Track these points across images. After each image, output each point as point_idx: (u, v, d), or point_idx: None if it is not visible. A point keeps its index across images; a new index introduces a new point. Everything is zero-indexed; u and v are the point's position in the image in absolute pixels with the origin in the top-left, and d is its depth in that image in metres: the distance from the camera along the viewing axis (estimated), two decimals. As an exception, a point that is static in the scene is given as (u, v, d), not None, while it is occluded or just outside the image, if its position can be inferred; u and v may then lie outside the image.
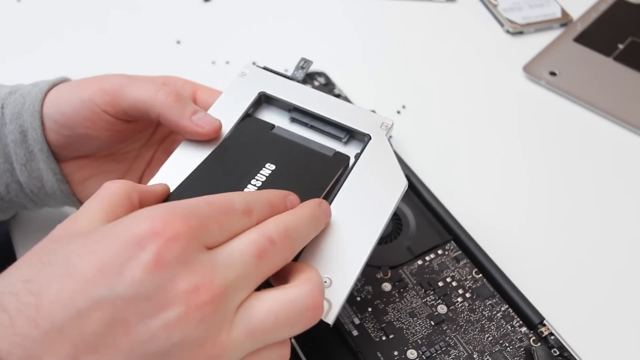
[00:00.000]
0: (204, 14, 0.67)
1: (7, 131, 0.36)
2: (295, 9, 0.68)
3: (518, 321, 0.38)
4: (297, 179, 0.33)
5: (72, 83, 0.38)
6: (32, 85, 0.38)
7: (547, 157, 0.53)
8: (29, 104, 0.36)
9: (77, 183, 0.39)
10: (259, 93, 0.37)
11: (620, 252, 0.46)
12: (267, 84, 0.38)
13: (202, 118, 0.34)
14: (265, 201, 0.28)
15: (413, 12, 0.68)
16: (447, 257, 0.41)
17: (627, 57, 0.61)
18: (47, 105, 0.36)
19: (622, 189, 0.50)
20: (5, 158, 0.37)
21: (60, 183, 0.38)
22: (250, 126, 0.36)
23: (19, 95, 0.37)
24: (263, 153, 0.34)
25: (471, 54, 0.63)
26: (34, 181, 0.37)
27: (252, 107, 0.37)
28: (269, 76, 0.38)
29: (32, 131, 0.36)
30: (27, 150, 0.36)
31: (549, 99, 0.58)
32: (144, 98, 0.35)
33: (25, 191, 0.38)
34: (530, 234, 0.47)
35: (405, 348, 0.37)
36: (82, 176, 0.39)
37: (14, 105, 0.36)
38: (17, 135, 0.36)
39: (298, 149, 0.35)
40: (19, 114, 0.36)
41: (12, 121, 0.36)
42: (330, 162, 0.34)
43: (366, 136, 0.36)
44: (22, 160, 0.37)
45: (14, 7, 0.66)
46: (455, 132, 0.55)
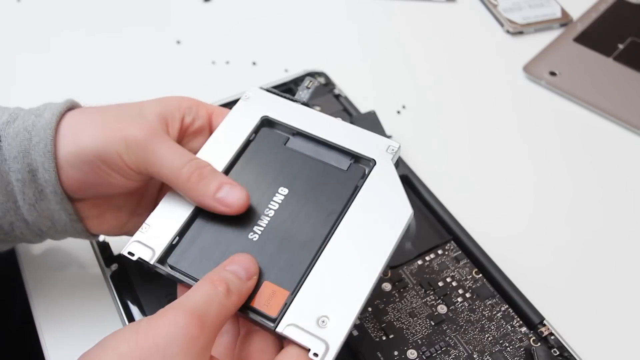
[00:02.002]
0: (204, 14, 0.67)
1: (8, 168, 0.33)
2: (295, 9, 0.68)
3: (518, 321, 0.38)
4: (311, 199, 0.33)
5: (90, 120, 0.34)
6: (34, 114, 0.34)
7: (547, 157, 0.53)
8: (37, 141, 0.33)
9: (91, 219, 0.36)
10: (262, 117, 0.36)
11: (621, 252, 0.46)
12: (270, 107, 0.37)
13: (227, 196, 0.33)
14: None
15: (413, 12, 0.68)
16: (447, 257, 0.41)
17: (627, 57, 0.61)
18: (62, 148, 0.33)
19: (622, 189, 0.50)
20: (8, 196, 0.34)
21: (74, 223, 0.35)
22: (264, 141, 0.36)
23: (21, 129, 0.33)
24: (276, 174, 0.34)
25: (471, 54, 0.63)
26: (44, 220, 0.35)
27: (254, 132, 0.36)
28: (273, 99, 0.37)
29: (44, 172, 0.33)
30: (37, 190, 0.33)
31: (549, 99, 0.58)
32: (167, 172, 0.33)
33: (32, 229, 0.35)
34: (530, 234, 0.47)
35: (405, 348, 0.37)
36: (97, 212, 0.37)
37: (18, 141, 0.33)
38: (24, 175, 0.33)
39: (312, 164, 0.35)
40: (25, 152, 0.33)
41: (18, 159, 0.33)
42: (344, 177, 0.34)
43: (371, 161, 0.34)
44: (31, 201, 0.34)
45: (14, 7, 0.66)
46: (455, 132, 0.55)
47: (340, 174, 0.34)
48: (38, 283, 0.42)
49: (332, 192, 0.34)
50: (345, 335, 0.29)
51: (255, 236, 0.32)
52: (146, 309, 0.39)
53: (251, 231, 0.33)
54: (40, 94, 0.57)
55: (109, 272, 0.41)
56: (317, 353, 0.29)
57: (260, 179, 0.34)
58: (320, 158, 0.35)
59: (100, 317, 0.40)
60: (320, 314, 0.30)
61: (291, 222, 0.33)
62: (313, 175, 0.34)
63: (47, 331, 0.39)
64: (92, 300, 0.41)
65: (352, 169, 0.34)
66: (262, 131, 0.36)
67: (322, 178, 0.34)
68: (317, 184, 0.34)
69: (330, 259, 0.32)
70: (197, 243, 0.33)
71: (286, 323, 0.30)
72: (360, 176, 0.34)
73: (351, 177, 0.34)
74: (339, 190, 0.34)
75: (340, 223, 0.32)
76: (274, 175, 0.34)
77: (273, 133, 0.36)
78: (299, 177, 0.34)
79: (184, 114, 0.36)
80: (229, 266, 0.31)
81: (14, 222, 0.35)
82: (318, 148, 0.35)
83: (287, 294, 0.31)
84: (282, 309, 0.30)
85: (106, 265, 0.41)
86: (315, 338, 0.29)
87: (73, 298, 0.41)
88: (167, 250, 0.33)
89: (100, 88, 0.57)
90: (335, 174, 0.34)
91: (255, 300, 0.31)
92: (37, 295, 0.41)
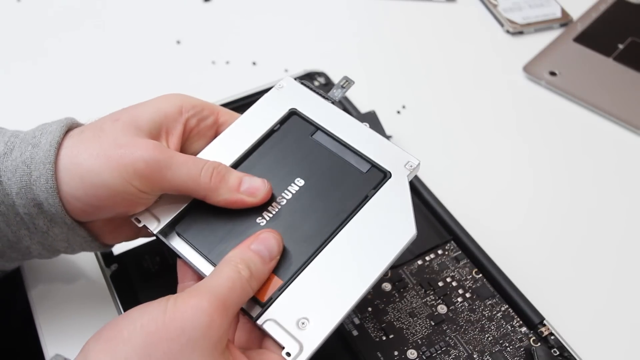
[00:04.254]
0: (204, 14, 0.67)
1: (13, 202, 0.32)
2: (295, 9, 0.68)
3: (518, 321, 0.38)
4: (324, 194, 0.34)
5: (88, 147, 0.32)
6: (31, 143, 0.32)
7: (547, 157, 0.53)
8: (37, 176, 0.31)
9: (106, 234, 0.36)
10: (290, 109, 0.37)
11: (621, 252, 0.46)
12: (300, 100, 0.37)
13: (250, 186, 0.33)
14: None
15: (413, 12, 0.68)
16: (447, 257, 0.41)
17: (627, 57, 0.61)
18: (65, 181, 0.32)
19: (622, 189, 0.50)
20: (20, 225, 0.33)
21: (89, 242, 0.35)
22: (291, 129, 0.36)
23: (20, 163, 0.32)
24: (296, 164, 0.35)
25: (471, 54, 0.63)
26: (60, 242, 0.35)
27: (279, 123, 0.36)
28: (305, 92, 0.37)
29: (49, 206, 0.32)
30: (47, 220, 0.33)
31: (549, 99, 0.58)
32: (187, 183, 0.32)
33: (48, 249, 0.35)
34: (530, 234, 0.47)
35: (405, 348, 0.37)
36: (110, 228, 0.36)
37: (17, 177, 0.32)
38: (30, 209, 0.32)
39: (333, 159, 0.35)
40: (27, 187, 0.32)
41: (21, 195, 0.32)
42: (362, 179, 0.34)
43: (387, 173, 0.34)
44: (43, 229, 0.33)
45: (14, 7, 0.66)
46: (455, 132, 0.55)
47: (358, 175, 0.34)
48: (38, 283, 0.42)
49: (346, 191, 0.34)
50: (322, 341, 0.30)
51: (263, 221, 0.33)
52: (146, 309, 0.39)
53: (260, 216, 0.33)
54: (40, 94, 0.57)
55: (109, 272, 0.41)
56: (289, 353, 0.29)
57: (279, 167, 0.35)
58: (343, 156, 0.35)
59: (100, 317, 0.40)
60: (302, 315, 0.31)
61: (300, 214, 0.33)
62: (332, 170, 0.34)
63: (47, 331, 0.39)
64: (92, 300, 0.41)
65: (371, 173, 0.34)
66: (292, 119, 0.36)
67: (340, 175, 0.34)
68: (334, 180, 0.34)
69: (326, 261, 0.32)
70: (204, 219, 0.33)
71: (268, 317, 0.31)
72: (377, 182, 0.34)
73: (368, 180, 0.34)
74: (353, 191, 0.34)
75: (345, 225, 0.33)
76: (293, 164, 0.35)
77: (302, 123, 0.36)
78: (318, 170, 0.34)
79: (188, 116, 0.35)
80: (254, 245, 0.31)
81: (30, 246, 0.35)
82: (342, 147, 0.35)
83: (281, 282, 0.31)
84: (271, 296, 0.31)
85: (106, 265, 0.41)
86: (292, 338, 0.30)
87: (73, 298, 0.41)
88: (173, 222, 0.33)
89: (100, 88, 0.57)
90: (353, 174, 0.34)
91: None
92: (37, 295, 0.41)
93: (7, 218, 0.33)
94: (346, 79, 0.38)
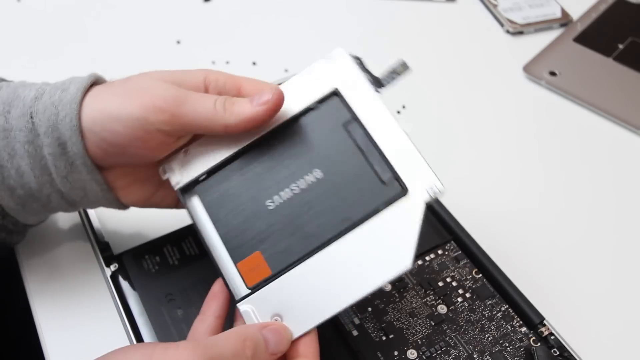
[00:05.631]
0: (204, 14, 0.67)
1: (41, 143, 0.34)
2: (295, 9, 0.68)
3: (518, 321, 0.38)
4: (337, 194, 0.33)
5: (113, 91, 0.35)
6: (60, 89, 0.35)
7: (547, 157, 0.53)
8: (63, 116, 0.34)
9: (120, 189, 0.37)
10: (333, 90, 0.34)
11: (621, 252, 0.46)
12: (346, 80, 0.34)
13: (262, 95, 0.33)
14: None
15: (413, 12, 0.68)
16: (447, 257, 0.41)
17: (627, 57, 0.61)
18: (87, 117, 0.34)
19: (622, 189, 0.50)
20: (43, 170, 0.35)
21: (105, 192, 0.36)
22: (328, 111, 0.34)
23: (48, 104, 0.34)
24: (319, 153, 0.33)
25: (471, 54, 0.63)
26: (77, 191, 0.36)
27: (318, 102, 0.34)
28: (353, 72, 0.34)
29: (72, 145, 0.34)
30: (68, 163, 0.34)
31: (549, 99, 0.58)
32: (204, 114, 0.33)
33: (66, 199, 0.37)
34: (531, 234, 0.47)
35: (405, 348, 0.37)
36: (125, 182, 0.37)
37: (46, 116, 0.34)
38: (55, 148, 0.34)
39: (357, 158, 0.33)
40: (54, 126, 0.34)
41: (48, 134, 0.34)
42: (379, 188, 0.32)
43: (405, 190, 0.32)
44: (63, 173, 0.35)
45: (14, 7, 0.66)
46: (455, 132, 0.55)
47: (377, 184, 0.32)
48: (38, 283, 0.42)
49: (359, 197, 0.32)
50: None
51: (272, 205, 0.33)
52: (146, 309, 0.39)
53: (270, 199, 0.33)
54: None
55: (109, 272, 0.41)
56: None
57: (303, 151, 0.34)
58: (369, 157, 0.33)
59: (100, 317, 0.40)
60: (278, 312, 0.31)
61: (307, 208, 0.33)
62: (352, 170, 0.33)
63: (47, 331, 0.39)
64: (92, 300, 0.41)
65: (390, 185, 0.32)
66: (332, 100, 0.34)
67: (359, 178, 0.33)
68: (351, 181, 0.33)
69: (316, 266, 0.32)
70: (223, 186, 0.34)
71: (248, 303, 0.32)
72: (392, 197, 0.32)
73: (384, 192, 0.32)
74: (365, 200, 0.32)
75: (345, 235, 0.32)
76: (317, 152, 0.34)
77: (340, 107, 0.34)
78: (339, 166, 0.33)
79: (209, 86, 0.36)
80: (267, 331, 0.31)
81: (50, 194, 0.36)
82: (371, 147, 0.33)
83: (269, 273, 0.32)
84: (258, 284, 0.32)
85: (106, 265, 0.41)
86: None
87: (73, 298, 0.41)
88: (193, 182, 0.34)
89: (100, 88, 0.57)
90: (372, 181, 0.32)
91: (241, 264, 0.33)
92: (37, 295, 0.41)
93: (33, 160, 0.34)
94: (403, 63, 0.35)
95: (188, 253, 0.41)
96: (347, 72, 0.34)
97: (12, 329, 0.52)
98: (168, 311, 0.39)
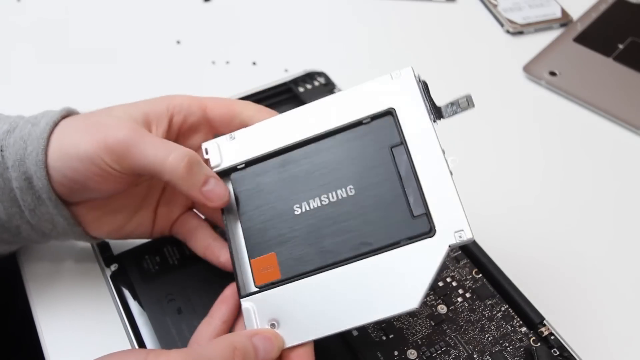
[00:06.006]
0: (204, 14, 0.67)
1: (10, 176, 0.34)
2: (295, 9, 0.68)
3: (518, 321, 0.38)
4: (363, 215, 0.32)
5: (76, 127, 0.35)
6: (31, 123, 0.35)
7: (547, 157, 0.53)
8: (31, 150, 0.34)
9: (89, 222, 0.37)
10: (388, 108, 0.33)
11: (621, 252, 0.46)
12: (405, 101, 0.33)
13: (212, 190, 0.33)
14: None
15: (413, 12, 0.68)
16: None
17: (627, 57, 0.61)
18: (52, 156, 0.34)
19: (622, 189, 0.50)
20: (12, 202, 0.35)
21: (72, 226, 0.36)
22: (380, 128, 0.33)
23: (18, 138, 0.34)
24: (357, 170, 0.33)
25: (471, 54, 0.63)
26: (46, 224, 0.36)
27: (370, 118, 0.33)
28: (414, 95, 0.33)
29: (37, 180, 0.34)
30: (35, 197, 0.35)
31: (549, 99, 0.58)
32: (153, 163, 0.33)
33: (37, 231, 0.37)
34: (531, 234, 0.47)
35: (405, 348, 0.37)
36: (94, 215, 0.37)
37: (14, 150, 0.34)
38: (21, 182, 0.34)
39: (393, 185, 0.32)
40: (21, 160, 0.34)
41: (15, 167, 0.34)
42: (406, 222, 0.31)
43: (433, 231, 0.31)
44: (31, 206, 0.35)
45: (14, 7, 0.66)
46: (455, 132, 0.54)
47: (405, 216, 0.31)
48: (38, 283, 0.42)
49: (385, 224, 0.32)
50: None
51: (298, 210, 0.33)
52: (146, 309, 0.39)
53: (299, 204, 0.33)
54: (40, 94, 0.57)
55: (109, 272, 0.41)
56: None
57: (343, 164, 0.33)
58: (406, 187, 0.32)
59: (100, 317, 0.40)
60: (277, 318, 0.32)
61: (331, 223, 0.32)
62: (386, 195, 0.32)
63: (47, 331, 0.39)
64: (92, 300, 0.41)
65: (418, 221, 0.31)
66: (386, 119, 0.33)
67: (390, 205, 0.32)
68: (381, 206, 0.32)
69: (325, 283, 0.32)
70: (258, 180, 0.34)
71: (251, 301, 0.32)
72: (417, 234, 0.31)
73: (411, 227, 0.31)
74: (390, 229, 0.31)
75: (361, 260, 0.31)
76: (356, 168, 0.33)
77: (391, 128, 0.33)
78: (374, 188, 0.32)
79: (173, 113, 0.36)
80: (257, 339, 0.31)
81: (20, 226, 0.36)
82: (410, 177, 0.32)
83: (278, 277, 0.32)
84: (265, 285, 0.32)
85: (106, 265, 0.41)
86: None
87: (73, 298, 0.41)
88: (232, 169, 0.35)
89: (100, 87, 0.57)
90: (402, 211, 0.31)
91: (255, 261, 0.33)
92: (37, 295, 0.41)
93: (2, 192, 0.35)
94: (469, 98, 0.33)
95: (188, 253, 0.41)
96: (409, 94, 0.33)
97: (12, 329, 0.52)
98: (168, 311, 0.39)
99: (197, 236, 0.39)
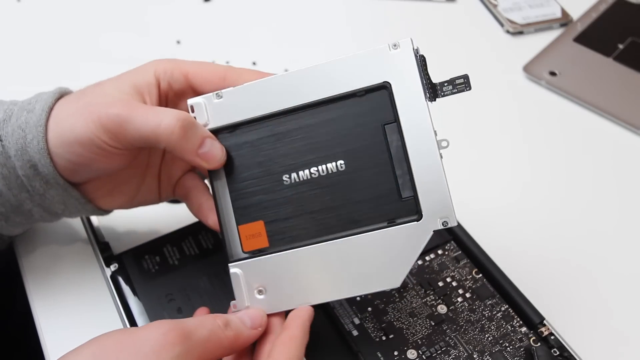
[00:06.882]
0: (204, 14, 0.67)
1: (14, 164, 0.34)
2: (295, 9, 0.68)
3: (518, 321, 0.38)
4: (352, 194, 0.32)
5: (69, 110, 0.34)
6: (26, 110, 0.35)
7: (547, 157, 0.53)
8: (31, 139, 0.34)
9: (100, 198, 0.38)
10: (384, 82, 0.32)
11: (621, 253, 0.46)
12: (401, 76, 0.32)
13: (209, 151, 0.33)
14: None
15: (413, 12, 0.68)
16: (447, 257, 0.41)
17: (627, 57, 0.61)
18: (52, 143, 0.34)
19: (622, 189, 0.50)
20: (21, 189, 0.35)
21: (84, 204, 0.37)
22: (373, 103, 0.32)
23: (16, 127, 0.34)
24: (348, 145, 0.32)
25: (471, 54, 0.63)
26: (57, 205, 0.37)
27: (364, 91, 0.32)
28: (411, 70, 0.32)
29: (43, 167, 0.34)
30: (43, 182, 0.35)
31: (549, 99, 0.58)
32: (147, 133, 0.32)
33: (48, 212, 0.37)
34: (531, 234, 0.47)
35: (405, 348, 0.37)
36: (105, 191, 0.38)
37: (14, 139, 0.34)
38: (27, 170, 0.34)
39: (384, 163, 0.32)
40: (23, 149, 0.34)
41: (18, 157, 0.34)
42: (394, 203, 0.32)
43: (420, 216, 0.31)
44: (40, 191, 0.35)
45: (14, 7, 0.66)
46: (455, 132, 0.54)
47: (394, 198, 0.32)
48: (38, 283, 0.42)
49: (372, 204, 0.32)
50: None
51: (287, 181, 0.33)
52: (146, 309, 0.39)
53: (288, 174, 0.33)
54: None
55: (108, 271, 0.41)
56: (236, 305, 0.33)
57: (334, 137, 0.33)
58: (396, 167, 0.32)
59: (100, 317, 0.40)
60: (264, 285, 0.32)
61: (320, 195, 0.32)
62: (376, 175, 0.32)
63: (47, 331, 0.39)
64: (92, 300, 0.41)
65: (406, 205, 0.32)
66: (380, 93, 0.32)
67: (379, 185, 0.32)
68: (371, 186, 0.32)
69: (312, 256, 0.32)
70: (247, 144, 0.34)
71: (239, 267, 0.33)
72: (404, 217, 0.31)
73: (398, 209, 0.32)
74: (378, 209, 0.32)
75: (348, 237, 0.32)
76: (346, 143, 0.32)
77: (385, 103, 0.32)
78: (364, 165, 0.32)
79: (159, 79, 0.36)
80: (238, 314, 0.32)
81: (32, 209, 0.37)
82: (402, 158, 0.32)
83: (266, 245, 0.33)
84: (253, 252, 0.33)
85: (106, 264, 0.41)
86: (244, 297, 0.32)
87: (73, 298, 0.41)
88: (219, 129, 0.34)
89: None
90: (391, 193, 0.32)
91: (242, 227, 0.33)
92: (37, 295, 0.41)
93: (9, 181, 0.35)
94: (466, 79, 0.33)
95: (188, 253, 0.41)
96: (406, 68, 0.32)
97: (12, 329, 0.52)
98: (168, 311, 0.39)
99: (193, 196, 0.38)
